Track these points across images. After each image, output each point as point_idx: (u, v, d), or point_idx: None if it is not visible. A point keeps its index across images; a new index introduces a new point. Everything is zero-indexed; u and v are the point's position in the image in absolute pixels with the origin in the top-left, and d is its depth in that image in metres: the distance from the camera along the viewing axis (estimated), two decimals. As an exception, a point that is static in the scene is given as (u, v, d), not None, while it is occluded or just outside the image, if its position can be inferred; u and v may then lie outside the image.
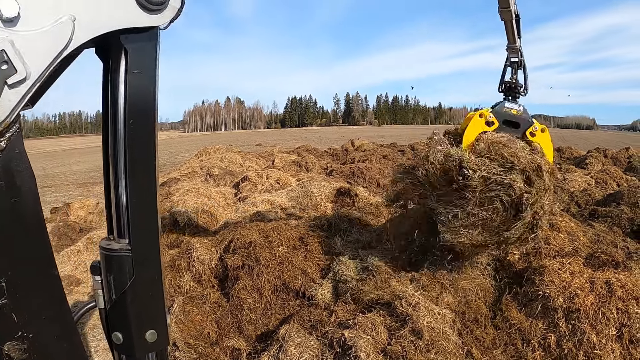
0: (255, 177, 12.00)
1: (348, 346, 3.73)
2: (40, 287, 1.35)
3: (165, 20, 1.28)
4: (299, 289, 5.42)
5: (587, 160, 16.79)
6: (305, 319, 4.57)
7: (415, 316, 3.82)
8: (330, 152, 25.24)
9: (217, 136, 78.54)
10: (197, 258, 6.06)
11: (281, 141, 51.88)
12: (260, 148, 33.28)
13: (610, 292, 3.94)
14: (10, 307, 1.27)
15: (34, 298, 1.32)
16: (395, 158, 20.75)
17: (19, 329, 1.29)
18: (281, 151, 24.90)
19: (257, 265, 5.49)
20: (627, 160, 17.53)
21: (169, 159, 34.85)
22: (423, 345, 3.64)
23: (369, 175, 15.41)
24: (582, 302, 3.90)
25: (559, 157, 19.58)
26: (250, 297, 5.32)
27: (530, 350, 3.89)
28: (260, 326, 5.16)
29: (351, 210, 8.03)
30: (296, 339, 4.06)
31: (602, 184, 12.90)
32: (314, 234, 6.55)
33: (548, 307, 4.06)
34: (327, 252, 6.11)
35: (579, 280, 4.13)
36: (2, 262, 1.20)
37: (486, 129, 4.48)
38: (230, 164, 18.07)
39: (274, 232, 6.07)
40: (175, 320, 5.12)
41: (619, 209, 7.62)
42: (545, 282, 4.25)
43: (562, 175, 13.49)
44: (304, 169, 17.23)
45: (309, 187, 9.73)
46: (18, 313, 1.28)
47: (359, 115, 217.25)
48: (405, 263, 5.30)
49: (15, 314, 1.28)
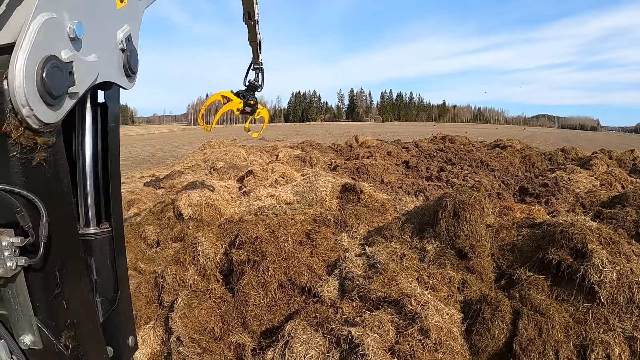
0: (260, 172, 11.95)
1: (355, 344, 3.70)
2: (77, 272, 1.50)
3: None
4: (304, 285, 5.39)
5: (591, 162, 16.67)
6: (311, 315, 4.53)
7: (424, 315, 3.79)
8: (334, 148, 25.18)
9: (221, 130, 78.37)
10: (202, 252, 6.04)
11: (285, 136, 51.83)
12: (263, 142, 33.18)
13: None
14: (62, 296, 1.40)
15: (75, 285, 1.47)
16: (400, 155, 20.69)
17: (68, 317, 1.43)
18: (285, 146, 24.89)
19: (262, 261, 5.46)
20: (632, 162, 17.44)
21: (173, 152, 34.87)
22: (431, 344, 3.61)
23: (374, 172, 15.37)
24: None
25: (564, 158, 19.46)
26: (256, 292, 5.30)
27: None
28: (265, 322, 5.13)
29: (357, 207, 7.99)
30: (302, 336, 4.04)
31: (607, 186, 12.85)
32: (320, 229, 6.52)
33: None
34: (333, 249, 6.08)
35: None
36: (54, 252, 1.35)
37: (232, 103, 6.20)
38: (235, 157, 18.06)
39: (280, 228, 6.04)
40: (179, 314, 5.11)
41: (624, 211, 7.55)
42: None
43: (567, 175, 13.46)
44: (308, 164, 17.20)
45: (314, 183, 9.68)
46: (67, 302, 1.42)
47: (363, 112, 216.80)
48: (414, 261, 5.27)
49: (66, 303, 1.42)
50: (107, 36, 1.51)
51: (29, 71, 1.14)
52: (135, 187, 14.99)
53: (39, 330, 1.36)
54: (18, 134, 1.18)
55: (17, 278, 1.29)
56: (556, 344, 3.75)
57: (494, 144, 25.22)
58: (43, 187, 1.29)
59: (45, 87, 1.17)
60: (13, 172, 1.21)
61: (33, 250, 1.29)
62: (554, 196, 12.13)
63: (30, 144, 1.22)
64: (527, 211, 6.71)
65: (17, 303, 1.33)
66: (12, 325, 1.35)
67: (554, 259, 4.61)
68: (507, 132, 73.23)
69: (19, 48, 1.14)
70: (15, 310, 1.34)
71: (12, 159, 1.20)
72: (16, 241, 1.24)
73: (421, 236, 5.86)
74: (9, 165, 1.20)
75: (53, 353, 1.40)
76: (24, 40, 1.15)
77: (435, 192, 12.79)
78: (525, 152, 21.16)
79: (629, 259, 4.38)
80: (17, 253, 1.25)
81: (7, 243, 1.22)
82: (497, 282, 4.99)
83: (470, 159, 19.01)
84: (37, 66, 1.16)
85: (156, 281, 6.16)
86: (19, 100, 1.13)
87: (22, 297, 1.32)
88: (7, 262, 1.23)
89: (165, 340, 5.16)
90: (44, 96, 1.19)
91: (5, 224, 1.27)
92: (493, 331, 3.97)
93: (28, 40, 1.15)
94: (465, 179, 15.07)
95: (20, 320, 1.35)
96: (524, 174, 17.09)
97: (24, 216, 1.24)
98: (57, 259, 1.37)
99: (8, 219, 1.26)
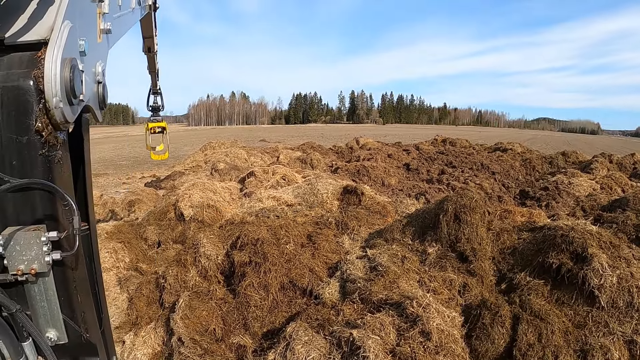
0: (261, 173, 11.97)
1: (356, 346, 3.71)
2: (83, 266, 1.54)
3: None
4: (306, 287, 5.40)
5: (592, 165, 16.68)
6: (313, 317, 4.55)
7: (425, 317, 3.80)
8: (335, 150, 25.20)
9: (221, 131, 78.27)
10: (204, 253, 6.06)
11: (285, 137, 51.85)
12: (264, 144, 33.23)
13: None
14: (77, 291, 1.46)
15: (82, 279, 1.51)
16: (401, 157, 20.71)
17: (81, 310, 1.49)
18: (286, 147, 24.89)
19: (264, 262, 5.48)
20: (633, 166, 17.44)
21: (173, 153, 34.83)
22: (432, 347, 3.62)
23: (375, 174, 15.39)
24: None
25: (565, 161, 19.47)
26: (257, 294, 5.31)
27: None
28: (267, 323, 5.14)
29: (358, 209, 8.01)
30: (303, 338, 4.05)
31: (608, 190, 12.85)
32: (322, 232, 6.53)
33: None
34: (334, 251, 6.09)
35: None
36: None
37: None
38: (236, 159, 18.07)
39: (281, 229, 6.06)
40: (180, 315, 5.12)
41: (624, 215, 7.56)
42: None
43: (567, 179, 13.47)
44: (309, 165, 17.21)
45: (316, 185, 9.69)
46: (80, 296, 1.48)
47: (364, 114, 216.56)
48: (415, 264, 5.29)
49: (80, 297, 1.48)
50: (91, 64, 1.60)
51: (60, 66, 1.21)
52: (136, 187, 15.04)
53: (65, 325, 1.42)
54: (48, 132, 1.24)
55: (49, 274, 1.34)
56: (556, 349, 3.76)
57: (495, 147, 25.25)
58: (63, 184, 1.35)
59: (71, 84, 1.25)
60: (40, 170, 1.27)
61: (64, 245, 1.35)
62: (554, 200, 12.15)
63: (54, 142, 1.29)
64: (527, 214, 6.72)
65: (45, 300, 1.37)
66: (35, 322, 1.39)
67: (554, 263, 4.63)
68: (508, 135, 73.26)
69: (54, 43, 1.21)
70: (42, 307, 1.38)
71: (40, 157, 1.26)
72: (52, 236, 1.30)
73: (422, 239, 5.87)
74: (38, 163, 1.26)
75: (79, 346, 1.47)
76: (58, 37, 1.22)
77: (436, 194, 12.81)
78: (526, 155, 21.19)
79: (629, 263, 4.40)
80: (51, 248, 1.31)
81: (45, 239, 1.27)
82: (497, 285, 5.01)
83: (471, 162, 19.04)
84: (66, 63, 1.23)
85: (157, 282, 6.18)
86: (52, 90, 1.19)
87: (50, 293, 1.37)
88: (45, 257, 1.28)
89: (166, 341, 5.17)
90: (68, 93, 1.26)
91: (38, 221, 1.31)
92: (493, 336, 3.99)
93: (61, 38, 1.23)
94: (466, 181, 15.10)
95: (46, 317, 1.39)
96: (524, 177, 17.12)
97: (66, 211, 1.32)
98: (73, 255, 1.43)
99: (40, 216, 1.32)
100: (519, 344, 3.85)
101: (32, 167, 1.25)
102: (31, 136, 1.21)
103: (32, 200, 1.28)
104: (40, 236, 1.25)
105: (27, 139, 1.22)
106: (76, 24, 1.34)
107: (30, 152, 1.23)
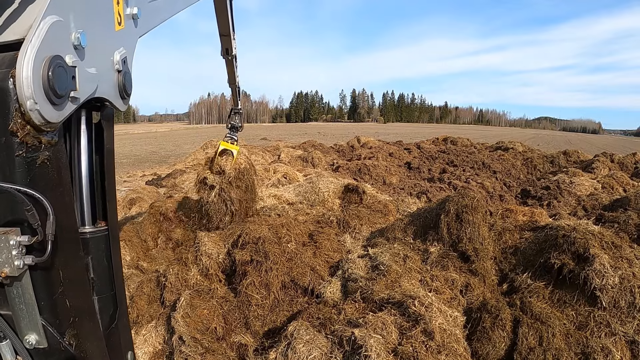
0: (262, 172, 11.97)
1: (358, 345, 3.70)
2: (78, 270, 1.54)
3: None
4: (307, 286, 5.40)
5: (593, 165, 16.67)
6: (314, 316, 4.54)
7: (428, 317, 3.79)
8: (336, 148, 25.18)
9: (222, 129, 78.18)
10: (205, 252, 6.05)
11: (286, 136, 51.85)
12: (265, 142, 33.23)
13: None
14: (65, 295, 1.44)
15: (76, 282, 1.51)
16: (402, 156, 20.70)
17: (70, 315, 1.47)
18: (287, 146, 24.89)
19: (265, 261, 5.47)
20: (634, 166, 17.42)
21: (174, 151, 34.88)
22: (434, 346, 3.61)
23: (376, 173, 15.38)
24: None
25: (566, 160, 19.44)
26: (258, 292, 5.31)
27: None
28: (268, 322, 5.14)
29: (360, 208, 8.00)
30: (305, 337, 4.04)
31: (609, 189, 12.84)
32: (323, 230, 6.53)
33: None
34: (336, 250, 6.09)
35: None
36: (57, 250, 1.39)
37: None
38: (236, 157, 18.03)
39: (283, 228, 6.05)
40: (181, 314, 5.12)
41: (626, 214, 7.54)
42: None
43: (569, 178, 13.46)
44: (310, 164, 17.21)
45: (317, 183, 9.68)
46: (70, 300, 1.46)
47: (365, 112, 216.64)
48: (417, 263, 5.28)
49: (69, 301, 1.46)
50: (105, 53, 1.57)
51: (37, 66, 1.17)
52: (137, 185, 15.04)
53: (44, 329, 1.38)
54: (24, 133, 1.21)
55: (23, 277, 1.31)
56: (557, 352, 3.76)
57: (496, 146, 25.22)
58: (47, 186, 1.32)
59: (50, 84, 1.21)
60: (19, 171, 1.24)
61: (39, 249, 1.31)
62: (555, 199, 12.14)
63: (35, 143, 1.26)
64: (529, 214, 6.71)
65: (23, 302, 1.34)
66: (17, 325, 1.37)
67: (556, 263, 4.63)
68: (509, 134, 73.14)
69: (28, 42, 1.17)
70: (21, 310, 1.35)
71: (17, 158, 1.23)
72: (23, 240, 1.26)
73: (424, 238, 5.87)
74: (15, 165, 1.23)
75: (58, 351, 1.43)
76: (34, 36, 1.19)
77: (437, 193, 12.81)
78: (527, 154, 21.16)
79: (631, 263, 4.39)
80: (24, 252, 1.27)
81: (14, 242, 1.24)
82: (499, 285, 5.01)
83: (472, 161, 19.02)
84: (44, 62, 1.20)
85: (158, 280, 6.17)
86: (25, 92, 1.16)
87: (27, 296, 1.34)
88: (15, 261, 1.24)
89: (167, 340, 5.17)
90: (49, 93, 1.22)
91: (11, 223, 1.29)
92: (494, 339, 3.98)
93: (38, 37, 1.19)
94: (467, 180, 15.09)
95: (25, 320, 1.36)
96: (525, 176, 17.10)
97: (34, 214, 1.26)
98: (61, 257, 1.39)
99: (14, 218, 1.29)
100: (520, 348, 3.85)
101: (10, 168, 1.23)
102: (7, 137, 1.20)
103: (5, 202, 1.26)
104: (9, 239, 1.23)
105: (5, 140, 1.20)
106: (70, 16, 1.31)
107: (7, 154, 1.22)
